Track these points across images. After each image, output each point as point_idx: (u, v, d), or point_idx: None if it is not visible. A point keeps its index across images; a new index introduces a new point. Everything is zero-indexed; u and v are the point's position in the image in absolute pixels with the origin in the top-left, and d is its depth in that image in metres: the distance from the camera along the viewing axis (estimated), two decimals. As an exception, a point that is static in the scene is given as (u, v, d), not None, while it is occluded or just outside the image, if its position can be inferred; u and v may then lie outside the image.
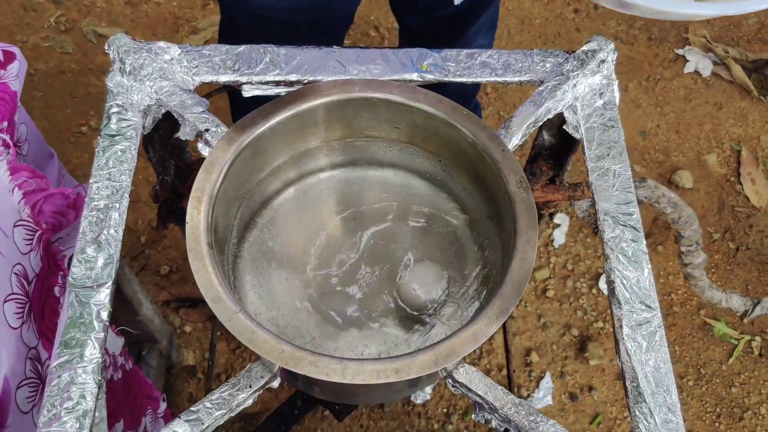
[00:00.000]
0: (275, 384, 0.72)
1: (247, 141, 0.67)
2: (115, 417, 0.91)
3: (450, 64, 0.83)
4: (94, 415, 0.64)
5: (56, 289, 0.79)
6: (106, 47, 0.81)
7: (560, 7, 1.99)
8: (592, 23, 1.97)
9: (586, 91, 0.83)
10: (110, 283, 0.69)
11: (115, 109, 0.78)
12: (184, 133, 0.78)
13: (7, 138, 0.70)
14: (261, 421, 0.89)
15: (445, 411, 1.45)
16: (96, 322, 0.67)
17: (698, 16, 0.76)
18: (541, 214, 1.05)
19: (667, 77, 1.89)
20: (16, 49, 0.76)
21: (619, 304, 0.70)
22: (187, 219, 0.62)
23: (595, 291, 1.58)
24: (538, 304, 1.56)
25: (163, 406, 1.09)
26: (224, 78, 0.82)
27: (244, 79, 0.82)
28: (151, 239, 1.59)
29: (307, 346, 0.68)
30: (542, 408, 1.46)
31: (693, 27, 1.97)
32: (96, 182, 0.74)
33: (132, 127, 0.77)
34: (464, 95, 1.42)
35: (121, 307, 1.18)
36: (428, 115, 0.70)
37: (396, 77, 0.80)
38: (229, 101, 1.30)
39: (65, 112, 1.73)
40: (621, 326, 0.69)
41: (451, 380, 0.70)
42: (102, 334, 0.67)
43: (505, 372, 1.44)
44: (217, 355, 1.46)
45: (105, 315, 0.67)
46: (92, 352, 0.66)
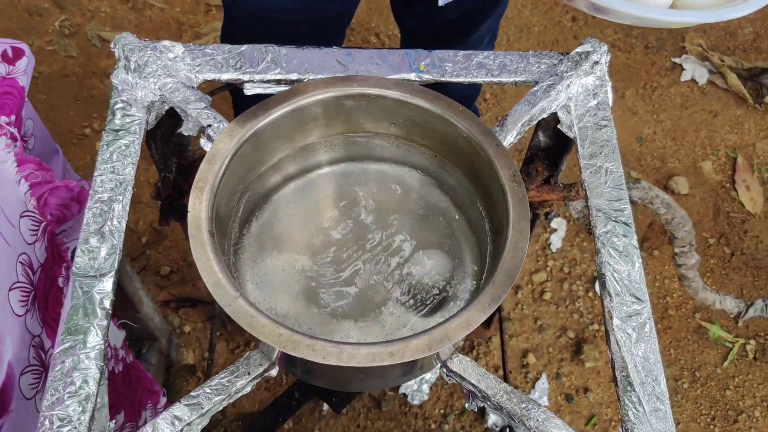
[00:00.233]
0: (273, 373, 0.73)
1: (249, 134, 0.69)
2: (116, 409, 0.92)
3: (447, 64, 0.86)
4: (96, 399, 0.66)
5: (60, 280, 0.80)
6: (112, 45, 0.83)
7: (559, 15, 2.01)
8: (590, 31, 1.99)
9: (579, 91, 0.85)
10: (113, 273, 0.70)
11: (119, 105, 0.80)
12: (187, 129, 0.80)
13: (15, 131, 0.72)
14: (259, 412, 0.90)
15: (442, 412, 1.46)
16: (99, 310, 0.68)
17: (673, 24, 0.77)
18: (536, 214, 1.07)
19: (664, 85, 1.91)
20: (24, 46, 0.78)
21: (610, 296, 0.72)
22: (189, 208, 0.64)
23: (591, 294, 1.59)
24: (535, 306, 1.58)
25: (164, 400, 1.11)
26: (226, 76, 0.84)
27: (246, 78, 0.84)
28: (152, 240, 1.60)
29: (305, 335, 0.70)
30: (538, 409, 1.46)
31: (689, 36, 2.00)
32: (100, 175, 0.75)
33: (136, 122, 0.79)
34: (463, 100, 1.43)
35: (122, 304, 1.19)
36: (425, 111, 0.72)
37: (394, 77, 0.82)
38: (232, 101, 1.32)
39: (68, 114, 1.75)
40: (611, 318, 0.71)
41: (445, 369, 0.71)
42: (105, 322, 0.68)
43: (501, 373, 1.46)
44: (216, 355, 1.47)
45: (108, 303, 0.69)
46: (95, 339, 0.67)
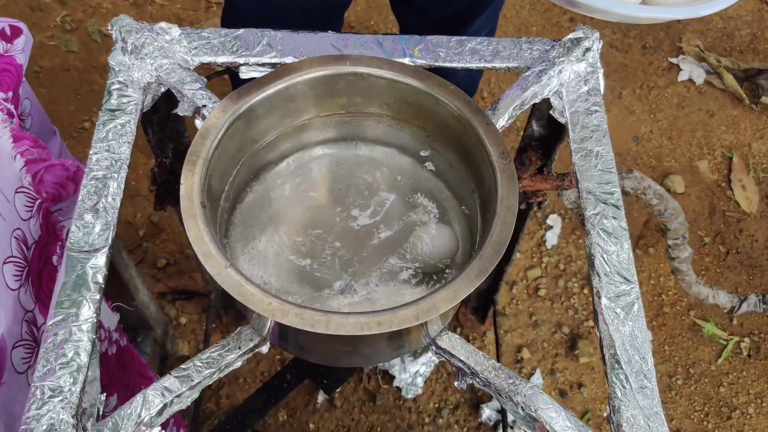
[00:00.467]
0: (264, 349, 0.74)
1: (242, 110, 0.69)
2: (109, 391, 0.93)
3: (440, 50, 0.86)
4: (87, 372, 0.66)
5: (54, 258, 0.81)
6: (109, 27, 0.84)
7: (557, 15, 2.02)
8: (587, 32, 2.00)
9: (571, 77, 0.85)
10: (106, 249, 0.71)
11: (116, 86, 0.81)
12: (182, 109, 0.81)
13: (12, 107, 0.73)
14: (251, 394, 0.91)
15: (436, 406, 1.46)
16: (92, 284, 0.69)
17: (643, 19, 0.78)
18: (530, 204, 1.08)
19: (661, 85, 1.93)
20: (22, 25, 0.79)
21: (599, 276, 0.72)
22: (182, 180, 0.65)
23: (586, 291, 1.60)
24: (530, 302, 1.58)
25: (157, 387, 1.11)
26: (222, 59, 0.85)
27: (242, 61, 0.84)
28: (149, 233, 1.61)
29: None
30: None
31: (687, 37, 2.01)
32: (95, 153, 0.76)
33: (132, 102, 0.80)
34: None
35: (119, 292, 1.20)
36: (416, 90, 0.73)
37: (388, 61, 0.83)
38: (232, 87, 1.34)
39: (69, 108, 1.77)
40: (600, 297, 0.71)
41: (434, 346, 0.72)
42: (97, 296, 0.69)
43: (495, 368, 1.46)
44: (212, 347, 1.48)
45: (100, 278, 0.69)
46: (87, 313, 0.67)
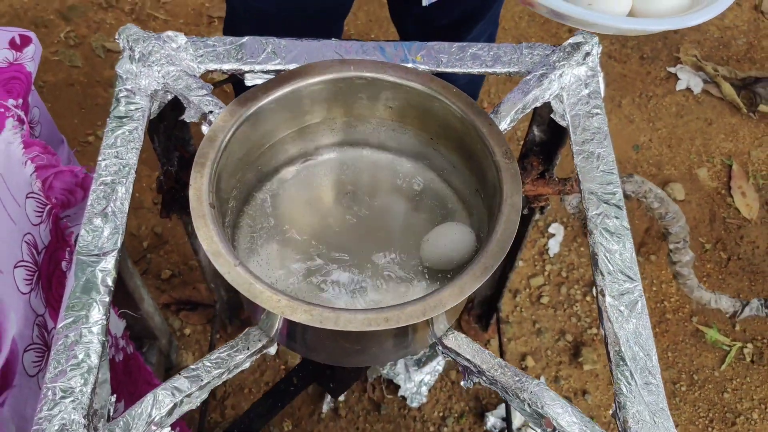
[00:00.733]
0: (272, 350, 0.75)
1: (249, 113, 0.71)
2: (117, 397, 0.93)
3: (442, 55, 0.88)
4: (98, 373, 0.67)
5: (63, 264, 0.82)
6: (117, 36, 0.85)
7: (555, 27, 2.05)
8: (585, 43, 2.02)
9: (571, 81, 0.87)
10: (115, 252, 0.72)
11: (123, 94, 0.82)
12: (189, 116, 0.82)
13: (22, 114, 0.74)
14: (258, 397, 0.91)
15: (441, 414, 1.46)
16: (101, 287, 0.70)
17: (630, 31, 0.79)
18: (532, 209, 1.09)
19: (659, 94, 1.94)
20: (31, 34, 0.80)
21: (602, 275, 0.73)
22: (191, 182, 0.66)
23: (589, 298, 1.60)
24: (533, 310, 1.59)
25: (163, 395, 1.11)
26: (228, 66, 0.86)
27: (247, 68, 0.86)
28: (153, 244, 1.62)
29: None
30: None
31: (684, 47, 2.03)
32: (104, 160, 0.77)
33: (140, 109, 0.81)
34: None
35: (124, 301, 1.21)
36: (420, 93, 0.74)
37: (390, 66, 0.84)
38: (234, 94, 1.35)
39: (73, 122, 1.78)
40: (604, 296, 0.72)
41: (441, 346, 0.73)
42: (107, 299, 0.69)
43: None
44: (216, 357, 1.48)
45: (110, 281, 0.70)
46: (97, 315, 0.68)
